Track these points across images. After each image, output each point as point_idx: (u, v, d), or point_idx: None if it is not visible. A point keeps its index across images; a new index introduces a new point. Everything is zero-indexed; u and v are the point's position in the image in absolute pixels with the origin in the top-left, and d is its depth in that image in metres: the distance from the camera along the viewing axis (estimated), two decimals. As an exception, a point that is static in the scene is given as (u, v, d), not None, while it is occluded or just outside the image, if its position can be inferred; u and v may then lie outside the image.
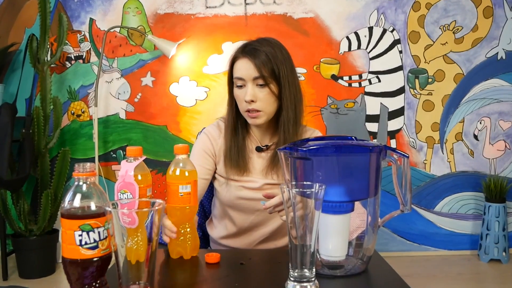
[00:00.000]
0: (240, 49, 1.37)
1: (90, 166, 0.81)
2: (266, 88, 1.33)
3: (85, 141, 3.01)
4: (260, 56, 1.32)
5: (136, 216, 0.71)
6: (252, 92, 1.32)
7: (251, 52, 1.33)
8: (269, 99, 1.34)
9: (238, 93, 1.36)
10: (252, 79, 1.32)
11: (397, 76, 3.02)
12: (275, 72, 1.32)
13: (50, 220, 2.75)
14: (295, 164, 0.94)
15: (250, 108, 1.33)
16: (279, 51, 1.35)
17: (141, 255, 0.73)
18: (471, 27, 3.01)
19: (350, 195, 0.92)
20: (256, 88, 1.33)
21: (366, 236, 0.98)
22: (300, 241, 0.82)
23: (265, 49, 1.33)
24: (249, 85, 1.33)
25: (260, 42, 1.36)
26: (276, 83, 1.34)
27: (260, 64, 1.31)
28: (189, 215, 1.05)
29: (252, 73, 1.32)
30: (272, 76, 1.33)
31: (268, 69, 1.32)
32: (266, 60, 1.32)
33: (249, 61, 1.32)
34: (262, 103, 1.33)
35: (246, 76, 1.33)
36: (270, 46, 1.35)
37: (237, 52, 1.37)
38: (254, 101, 1.32)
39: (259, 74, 1.31)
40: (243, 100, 1.34)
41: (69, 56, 2.98)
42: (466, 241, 3.11)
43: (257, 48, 1.33)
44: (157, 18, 2.97)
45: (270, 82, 1.33)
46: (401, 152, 0.94)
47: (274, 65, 1.32)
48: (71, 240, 0.78)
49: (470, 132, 3.08)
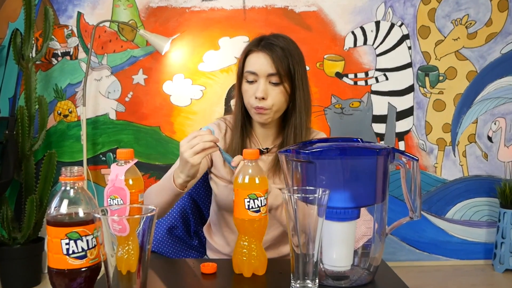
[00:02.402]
0: (255, 42, 1.37)
1: (78, 170, 0.81)
2: (280, 86, 1.34)
3: (73, 143, 3.01)
4: (277, 52, 1.32)
5: (127, 224, 0.71)
6: (264, 89, 1.33)
7: (268, 46, 1.34)
8: (280, 98, 1.35)
9: (248, 88, 1.37)
10: (266, 75, 1.33)
11: (405, 73, 3.03)
12: (291, 71, 1.34)
13: (35, 227, 2.74)
14: (297, 168, 0.94)
15: (260, 106, 1.34)
16: (295, 49, 1.37)
17: (132, 265, 0.73)
18: (485, 21, 3.01)
19: (356, 201, 0.92)
20: (269, 85, 1.34)
21: (373, 245, 0.98)
22: (302, 250, 0.82)
23: (282, 46, 1.34)
24: (261, 81, 1.33)
25: (276, 37, 1.37)
26: (290, 83, 1.35)
27: (278, 61, 1.32)
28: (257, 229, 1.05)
29: (268, 69, 1.33)
30: (287, 75, 1.34)
31: (284, 67, 1.33)
32: (283, 57, 1.33)
33: (266, 56, 1.33)
34: (272, 101, 1.34)
35: (260, 71, 1.33)
36: (287, 43, 1.36)
37: (252, 46, 1.37)
38: (265, 98, 1.33)
39: (276, 71, 1.32)
40: (252, 96, 1.35)
41: (55, 52, 2.98)
42: (480, 250, 3.11)
43: (274, 43, 1.34)
44: (149, 11, 2.97)
45: (285, 81, 1.34)
46: (410, 155, 0.94)
47: (290, 64, 1.33)
48: (57, 249, 0.78)
49: (484, 134, 3.08)
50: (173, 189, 1.23)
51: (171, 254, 1.56)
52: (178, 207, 1.59)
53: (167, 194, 1.25)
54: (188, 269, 1.07)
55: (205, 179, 1.63)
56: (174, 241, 1.57)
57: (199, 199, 1.64)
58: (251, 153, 1.03)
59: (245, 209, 1.01)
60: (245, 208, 1.01)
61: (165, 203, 1.28)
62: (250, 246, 1.03)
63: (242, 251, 1.03)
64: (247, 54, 1.38)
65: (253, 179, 1.01)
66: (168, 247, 1.56)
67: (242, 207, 1.01)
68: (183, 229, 1.59)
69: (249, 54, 1.37)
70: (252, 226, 1.02)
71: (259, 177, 1.02)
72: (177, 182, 1.22)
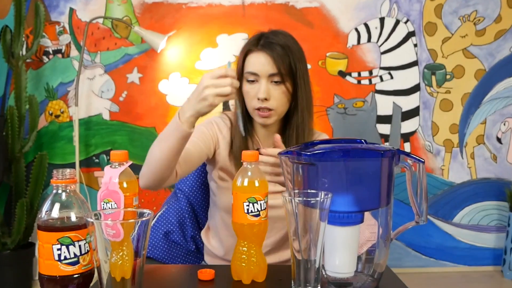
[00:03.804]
0: (254, 41, 1.38)
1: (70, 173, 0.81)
2: (282, 86, 1.35)
3: (65, 145, 3.01)
4: (278, 51, 1.33)
5: (121, 228, 0.71)
6: (266, 89, 1.33)
7: (268, 45, 1.34)
8: (283, 98, 1.36)
9: (249, 89, 1.37)
10: (267, 75, 1.34)
11: (411, 72, 3.03)
12: (293, 70, 1.34)
13: (26, 232, 2.74)
14: (298, 170, 0.94)
15: (262, 107, 1.35)
16: (296, 47, 1.37)
17: (126, 271, 0.73)
18: (494, 17, 3.02)
19: (359, 204, 0.92)
20: (271, 85, 1.35)
21: (377, 250, 0.98)
22: (303, 255, 0.83)
23: (282, 43, 1.34)
24: (262, 82, 1.34)
25: (275, 34, 1.38)
26: (292, 82, 1.36)
27: (279, 60, 1.33)
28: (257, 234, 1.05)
29: (269, 69, 1.33)
30: (289, 73, 1.34)
31: (285, 66, 1.33)
32: (284, 55, 1.33)
33: (267, 55, 1.34)
34: (275, 102, 1.35)
35: (261, 72, 1.34)
36: (287, 40, 1.36)
37: (251, 45, 1.38)
38: (267, 99, 1.34)
39: (277, 70, 1.33)
40: (254, 97, 1.35)
41: (46, 50, 2.98)
42: (489, 256, 3.11)
43: (273, 41, 1.35)
44: (144, 7, 2.97)
45: (286, 80, 1.34)
46: (416, 157, 0.95)
47: (291, 62, 1.34)
48: (49, 254, 0.78)
49: (493, 135, 3.08)
50: (179, 129, 1.17)
51: (167, 260, 1.56)
52: (175, 211, 1.60)
53: (172, 137, 1.19)
54: (185, 275, 1.07)
55: (202, 181, 1.63)
56: (170, 246, 1.57)
57: (196, 203, 1.64)
58: (250, 155, 1.03)
59: (244, 213, 1.01)
60: (244, 212, 1.01)
61: (171, 150, 1.20)
62: (249, 251, 1.03)
63: (241, 256, 1.03)
64: (246, 53, 1.38)
65: (253, 182, 1.01)
66: (164, 252, 1.56)
67: (241, 211, 1.01)
68: (180, 233, 1.59)
69: (248, 53, 1.38)
70: (251, 231, 1.02)
71: (258, 180, 1.02)
72: (184, 118, 1.17)
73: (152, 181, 1.24)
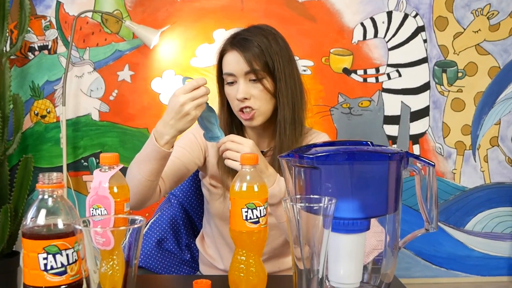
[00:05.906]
0: (228, 40, 1.41)
1: (57, 177, 0.81)
2: (259, 83, 1.36)
3: (51, 147, 3.01)
4: (250, 48, 1.35)
5: (111, 236, 0.71)
6: (244, 89, 1.35)
7: (241, 43, 1.36)
8: (263, 96, 1.37)
9: (229, 91, 1.39)
10: (243, 74, 1.35)
11: (421, 69, 3.03)
12: (269, 65, 1.35)
13: (10, 240, 2.74)
14: (300, 174, 0.95)
15: (243, 106, 1.36)
16: (274, 41, 1.38)
17: (117, 282, 0.73)
18: (509, 11, 3.02)
19: (365, 210, 0.92)
20: (249, 84, 1.36)
21: (384, 259, 0.98)
22: (306, 264, 0.83)
23: (256, 39, 1.36)
24: (240, 81, 1.36)
25: (251, 31, 1.40)
26: (271, 78, 1.37)
27: (251, 57, 1.34)
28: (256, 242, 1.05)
29: (243, 67, 1.35)
30: (265, 69, 1.35)
31: (260, 62, 1.34)
32: (258, 51, 1.35)
33: (238, 54, 1.36)
34: (256, 101, 1.36)
35: (236, 71, 1.36)
36: (263, 35, 1.38)
37: (225, 44, 1.41)
38: (247, 98, 1.35)
39: (250, 68, 1.34)
40: (235, 98, 1.37)
41: (32, 46, 2.98)
42: (503, 266, 3.11)
43: (247, 38, 1.37)
44: (136, 1, 2.97)
45: (263, 76, 1.36)
46: (426, 160, 0.95)
47: (267, 57, 1.35)
48: (34, 264, 0.78)
49: (508, 136, 3.09)
50: (159, 152, 1.22)
51: (160, 270, 1.56)
52: (168, 217, 1.60)
53: (152, 159, 1.23)
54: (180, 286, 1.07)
55: (197, 186, 1.63)
56: (163, 255, 1.57)
57: (190, 209, 1.64)
58: (249, 158, 1.03)
59: (243, 220, 1.00)
60: (242, 219, 1.00)
61: (150, 171, 1.25)
62: (248, 261, 1.03)
63: (239, 266, 1.03)
64: (222, 54, 1.41)
65: (252, 187, 1.01)
66: (157, 262, 1.56)
67: (239, 218, 1.01)
68: (174, 241, 1.59)
69: (223, 54, 1.41)
70: (250, 239, 1.02)
71: (258, 185, 1.02)
72: (163, 141, 1.22)
73: (134, 203, 1.26)
